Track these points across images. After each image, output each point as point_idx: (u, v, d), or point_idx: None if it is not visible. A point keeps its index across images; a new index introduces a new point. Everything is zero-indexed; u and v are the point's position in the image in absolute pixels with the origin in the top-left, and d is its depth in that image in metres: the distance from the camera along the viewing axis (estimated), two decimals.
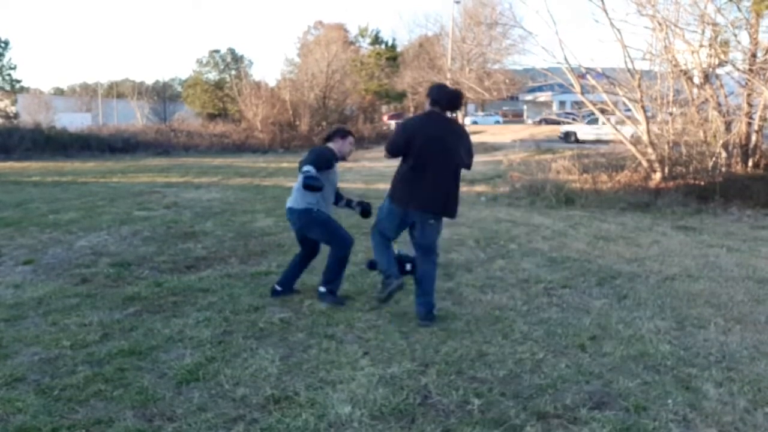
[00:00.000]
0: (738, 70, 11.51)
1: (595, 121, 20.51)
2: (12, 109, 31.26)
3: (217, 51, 51.90)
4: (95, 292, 4.93)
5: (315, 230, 4.63)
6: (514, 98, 50.14)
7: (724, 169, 11.13)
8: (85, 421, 2.85)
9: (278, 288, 4.83)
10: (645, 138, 11.86)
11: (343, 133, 4.73)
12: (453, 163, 4.16)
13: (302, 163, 4.38)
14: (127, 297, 4.79)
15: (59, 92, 68.58)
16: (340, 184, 4.93)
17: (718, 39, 11.73)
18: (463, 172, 4.28)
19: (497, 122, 49.73)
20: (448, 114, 4.32)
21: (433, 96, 4.22)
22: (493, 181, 14.01)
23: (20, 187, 12.74)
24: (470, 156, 4.27)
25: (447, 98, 4.21)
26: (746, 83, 11.18)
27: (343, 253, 4.60)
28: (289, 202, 4.67)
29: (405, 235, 4.48)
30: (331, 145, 4.67)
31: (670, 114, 12.16)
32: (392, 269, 4.31)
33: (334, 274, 4.66)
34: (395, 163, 4.35)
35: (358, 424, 2.86)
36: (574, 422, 2.89)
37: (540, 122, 42.45)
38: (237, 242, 6.97)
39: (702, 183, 10.73)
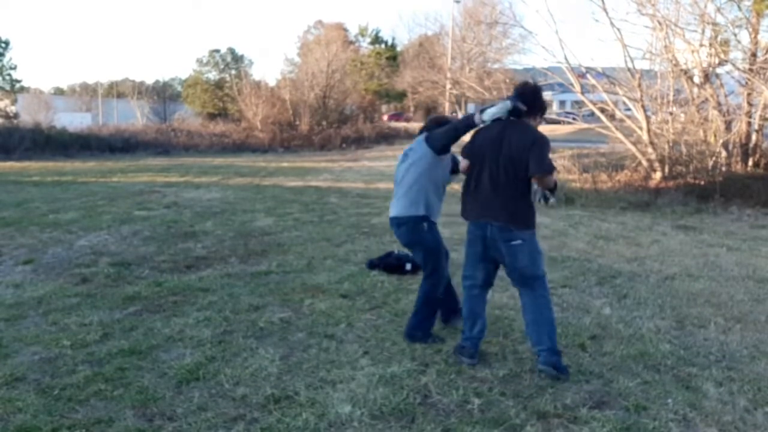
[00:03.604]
0: (738, 69, 11.51)
1: None
2: (12, 109, 31.20)
3: (217, 50, 51.94)
4: (95, 292, 4.93)
5: (418, 251, 3.85)
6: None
7: (724, 169, 11.13)
8: (85, 421, 2.85)
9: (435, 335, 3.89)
10: (645, 137, 11.86)
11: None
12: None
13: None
14: (127, 297, 4.79)
15: (59, 92, 68.47)
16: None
17: (718, 38, 11.74)
18: None
19: None
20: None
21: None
22: None
23: (20, 186, 12.73)
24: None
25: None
26: (746, 82, 11.17)
27: (435, 291, 3.85)
28: (393, 210, 3.77)
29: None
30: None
31: (670, 113, 12.16)
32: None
33: (422, 315, 3.86)
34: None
35: (358, 423, 2.87)
36: (574, 421, 2.90)
37: (540, 121, 42.42)
38: (237, 242, 6.97)
39: (702, 182, 10.72)
